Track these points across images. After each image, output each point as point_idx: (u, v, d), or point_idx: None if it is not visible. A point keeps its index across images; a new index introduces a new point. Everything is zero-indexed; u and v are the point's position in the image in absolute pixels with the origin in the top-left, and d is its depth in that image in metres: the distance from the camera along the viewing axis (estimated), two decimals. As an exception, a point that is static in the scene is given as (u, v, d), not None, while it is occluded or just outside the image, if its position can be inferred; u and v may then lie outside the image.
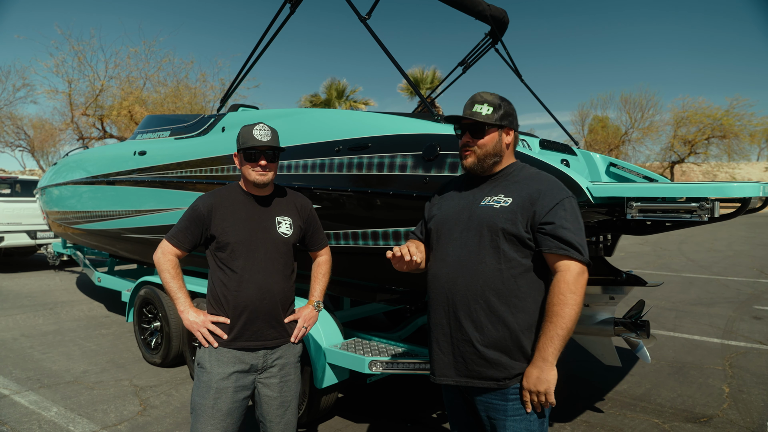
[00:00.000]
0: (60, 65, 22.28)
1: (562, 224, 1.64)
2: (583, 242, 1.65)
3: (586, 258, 1.65)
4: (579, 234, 1.65)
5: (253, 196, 2.20)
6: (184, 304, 2.16)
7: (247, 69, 4.09)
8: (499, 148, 1.82)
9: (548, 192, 1.70)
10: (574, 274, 1.63)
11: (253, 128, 2.12)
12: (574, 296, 1.61)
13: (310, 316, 2.29)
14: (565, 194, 1.71)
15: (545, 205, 1.67)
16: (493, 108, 1.79)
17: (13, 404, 3.69)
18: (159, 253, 2.17)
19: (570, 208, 1.68)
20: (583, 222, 1.70)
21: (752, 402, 3.71)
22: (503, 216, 1.70)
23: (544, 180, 1.77)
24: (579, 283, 1.63)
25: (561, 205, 1.67)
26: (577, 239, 1.64)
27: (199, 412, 2.06)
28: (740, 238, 16.12)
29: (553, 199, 1.68)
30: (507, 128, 1.83)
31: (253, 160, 2.12)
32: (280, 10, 3.74)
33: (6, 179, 10.66)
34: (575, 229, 1.65)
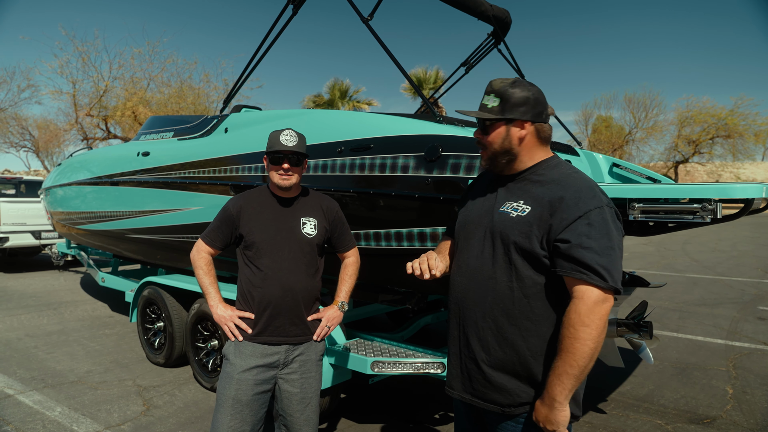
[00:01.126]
0: (64, 66, 22.40)
1: (581, 243, 1.39)
2: (612, 264, 1.38)
3: (612, 283, 1.38)
4: (606, 254, 1.38)
5: (279, 198, 2.29)
6: (215, 299, 2.27)
7: (250, 70, 4.10)
8: (509, 145, 1.57)
9: (572, 201, 1.44)
10: (588, 303, 1.38)
11: (280, 133, 2.22)
12: (586, 330, 1.37)
13: (334, 316, 2.36)
14: (594, 204, 1.43)
15: (565, 218, 1.43)
16: (499, 99, 1.56)
17: (17, 404, 3.71)
18: (194, 251, 2.32)
19: (598, 223, 1.41)
20: (619, 239, 1.44)
21: (756, 403, 3.69)
22: (518, 228, 1.50)
23: (572, 185, 1.48)
24: (595, 313, 1.37)
25: (585, 219, 1.41)
26: (600, 261, 1.37)
27: (221, 402, 2.15)
28: (744, 238, 16.05)
29: (575, 211, 1.42)
30: (518, 121, 1.55)
31: (277, 164, 2.20)
32: (283, 11, 3.75)
33: (11, 180, 10.72)
34: (601, 248, 1.38)
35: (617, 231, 1.43)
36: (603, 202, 1.44)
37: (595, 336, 1.37)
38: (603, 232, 1.40)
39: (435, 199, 2.67)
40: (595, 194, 1.45)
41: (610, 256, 1.39)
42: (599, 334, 1.37)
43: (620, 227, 1.46)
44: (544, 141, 1.60)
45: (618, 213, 1.47)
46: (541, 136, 1.59)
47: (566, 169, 1.56)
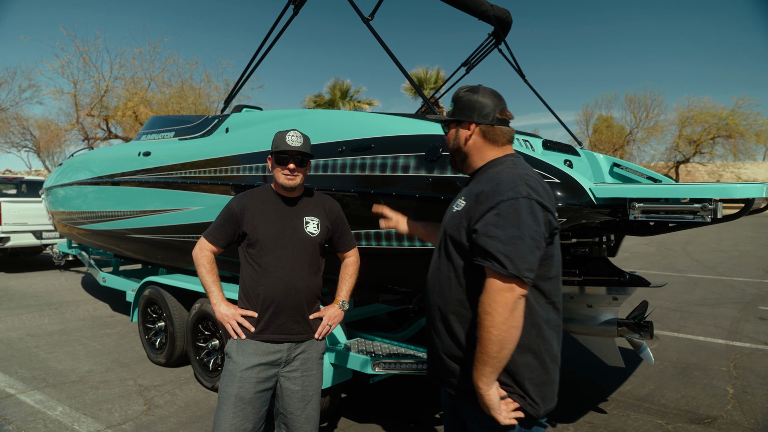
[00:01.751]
0: (65, 66, 22.44)
1: (486, 231, 1.44)
2: (516, 253, 1.39)
3: (512, 271, 1.38)
4: (511, 243, 1.40)
5: (282, 197, 2.31)
6: (217, 297, 2.29)
7: (251, 70, 4.11)
8: (458, 145, 1.71)
9: (488, 194, 1.51)
10: (490, 291, 1.42)
11: (286, 134, 2.24)
12: (488, 317, 1.41)
13: (335, 314, 2.38)
14: (508, 196, 1.45)
15: (479, 209, 1.50)
16: (453, 103, 1.72)
17: (18, 403, 3.72)
18: (197, 249, 2.32)
19: (507, 212, 1.43)
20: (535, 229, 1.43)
21: (756, 403, 3.69)
22: (453, 221, 1.62)
23: (494, 180, 1.55)
24: (497, 301, 1.40)
25: (495, 209, 1.45)
26: (503, 249, 1.40)
27: (223, 400, 2.16)
28: (745, 238, 16.04)
29: (488, 203, 1.48)
30: (466, 122, 1.67)
31: (282, 164, 2.23)
32: (283, 11, 3.76)
33: (12, 180, 10.73)
34: (507, 238, 1.41)
35: (534, 222, 1.43)
36: (520, 194, 1.45)
37: (498, 323, 1.40)
38: (512, 222, 1.42)
39: (435, 199, 2.67)
40: (514, 186, 1.47)
41: (515, 245, 1.40)
42: (503, 322, 1.40)
43: (540, 219, 1.45)
44: (492, 141, 1.67)
45: (545, 206, 1.47)
46: (487, 136, 1.67)
47: (506, 166, 1.60)
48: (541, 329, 1.54)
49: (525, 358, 1.52)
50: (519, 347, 1.49)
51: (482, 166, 1.68)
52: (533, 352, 1.53)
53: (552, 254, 1.54)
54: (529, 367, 1.52)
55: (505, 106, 1.69)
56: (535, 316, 1.53)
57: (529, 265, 1.41)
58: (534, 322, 1.53)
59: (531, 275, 1.41)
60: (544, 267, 1.52)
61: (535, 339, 1.53)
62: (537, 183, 1.52)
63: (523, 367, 1.52)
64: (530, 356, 1.53)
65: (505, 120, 1.68)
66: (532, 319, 1.52)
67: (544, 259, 1.50)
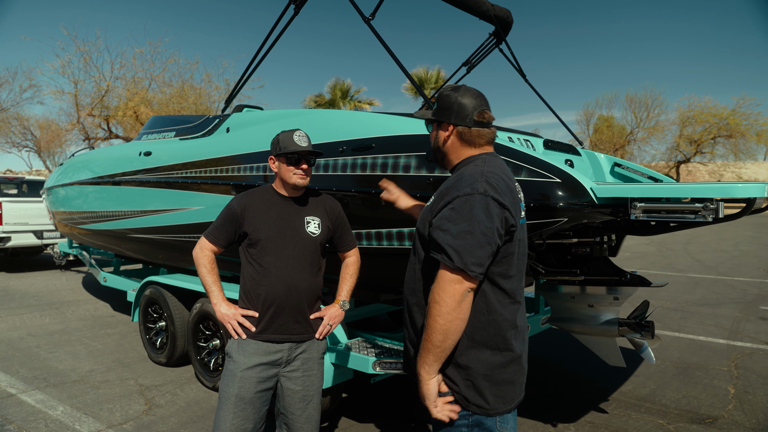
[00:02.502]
0: (66, 66, 22.44)
1: (440, 225, 1.48)
2: (464, 247, 1.42)
3: (458, 264, 1.41)
4: (461, 238, 1.43)
5: (283, 197, 2.32)
6: (218, 297, 2.28)
7: (252, 70, 4.10)
8: (437, 144, 1.75)
9: (448, 190, 1.55)
10: (440, 281, 1.45)
11: (292, 134, 2.25)
12: (435, 306, 1.44)
13: (336, 314, 2.38)
14: (464, 192, 1.48)
15: (437, 206, 1.55)
16: (435, 102, 1.75)
17: (19, 403, 3.72)
18: (197, 248, 2.32)
19: (461, 207, 1.46)
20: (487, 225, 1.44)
21: (758, 403, 3.69)
22: (421, 216, 1.68)
23: (455, 178, 1.60)
24: (445, 291, 1.43)
25: (451, 205, 1.49)
26: (451, 242, 1.43)
27: (223, 400, 2.16)
28: (746, 238, 16.03)
29: (446, 199, 1.52)
30: (444, 123, 1.70)
31: (294, 164, 2.24)
32: (284, 11, 3.76)
33: (13, 180, 10.74)
34: (457, 232, 1.44)
35: (486, 218, 1.43)
36: (476, 190, 1.46)
37: (444, 312, 1.43)
38: (465, 217, 1.44)
39: (436, 199, 2.67)
40: (472, 183, 1.49)
41: (464, 240, 1.42)
42: (448, 312, 1.43)
43: (494, 216, 1.44)
44: (469, 143, 1.68)
45: (501, 203, 1.46)
46: (463, 138, 1.68)
47: (475, 164, 1.62)
48: (500, 327, 1.54)
49: (481, 353, 1.53)
50: (475, 342, 1.52)
51: (457, 164, 1.71)
52: (490, 348, 1.53)
53: (512, 252, 1.54)
54: (484, 364, 1.53)
55: (485, 107, 1.69)
56: (494, 313, 1.53)
57: (477, 260, 1.42)
58: (492, 319, 1.53)
59: (478, 269, 1.42)
60: (503, 264, 1.52)
61: (493, 336, 1.53)
62: (499, 180, 1.52)
63: (477, 363, 1.53)
64: (487, 352, 1.53)
65: (484, 122, 1.68)
66: (490, 316, 1.53)
67: (503, 256, 1.51)
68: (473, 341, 1.53)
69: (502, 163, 1.68)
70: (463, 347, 1.53)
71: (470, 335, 1.53)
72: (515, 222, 1.51)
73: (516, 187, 1.62)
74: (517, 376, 1.59)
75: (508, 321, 1.55)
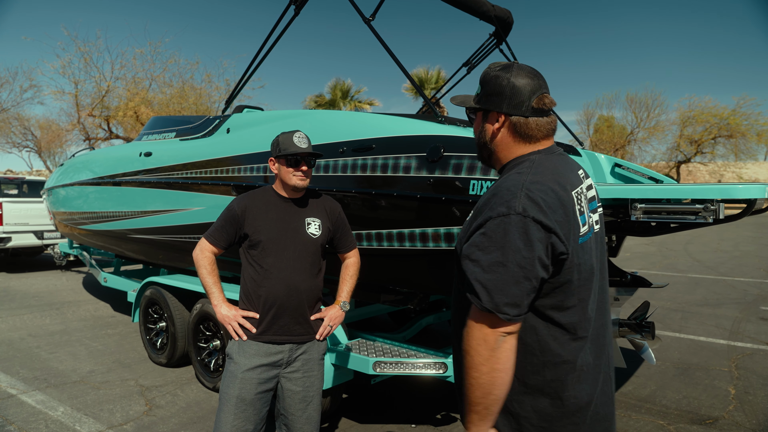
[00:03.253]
0: (66, 66, 22.50)
1: (468, 253, 1.20)
2: (495, 283, 1.14)
3: (486, 304, 1.14)
4: (492, 271, 1.15)
5: (284, 198, 2.32)
6: (218, 298, 2.28)
7: (252, 70, 4.11)
8: (483, 139, 1.38)
9: (484, 206, 1.24)
10: (469, 326, 1.19)
11: (292, 135, 2.25)
12: (468, 357, 1.18)
13: (336, 315, 2.38)
14: (499, 212, 1.17)
15: (472, 225, 1.25)
16: (481, 85, 1.37)
17: (20, 404, 3.72)
18: (197, 250, 2.31)
19: (493, 232, 1.17)
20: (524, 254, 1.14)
21: (758, 404, 3.69)
22: (459, 234, 1.36)
23: (491, 191, 1.27)
24: (473, 338, 1.17)
25: (483, 228, 1.19)
26: (480, 277, 1.16)
27: (224, 401, 2.16)
28: (747, 238, 16.02)
29: (479, 219, 1.22)
30: (493, 112, 1.34)
31: (294, 166, 2.23)
32: (284, 12, 3.76)
33: (13, 180, 10.74)
34: (488, 263, 1.15)
35: (525, 246, 1.14)
36: (514, 210, 1.16)
37: (477, 364, 1.16)
38: (497, 244, 1.15)
39: (437, 200, 2.67)
40: (510, 198, 1.18)
41: (496, 273, 1.14)
42: (482, 363, 1.16)
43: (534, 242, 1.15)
44: (524, 138, 1.34)
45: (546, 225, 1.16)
46: (518, 131, 1.33)
47: (520, 168, 1.30)
48: (557, 370, 1.24)
49: (537, 402, 1.25)
50: (528, 388, 1.26)
51: (505, 165, 1.38)
52: (548, 396, 1.25)
53: (567, 280, 1.22)
54: (541, 414, 1.25)
55: (545, 90, 1.33)
56: (549, 353, 1.24)
57: (511, 299, 1.14)
58: (547, 361, 1.25)
59: (512, 311, 1.14)
60: (557, 296, 1.23)
61: (551, 382, 1.25)
62: (547, 193, 1.19)
63: (531, 412, 1.26)
64: (544, 401, 1.25)
65: (544, 109, 1.32)
66: (544, 357, 1.25)
67: (555, 287, 1.22)
68: (526, 386, 1.26)
69: (558, 163, 1.32)
70: (515, 392, 1.26)
71: (522, 379, 1.26)
72: (566, 248, 1.19)
73: (574, 197, 1.26)
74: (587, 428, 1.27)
75: (569, 363, 1.25)
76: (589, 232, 1.29)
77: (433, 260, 2.87)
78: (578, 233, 1.23)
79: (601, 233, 1.39)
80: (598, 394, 1.29)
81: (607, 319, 1.38)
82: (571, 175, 1.32)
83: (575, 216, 1.23)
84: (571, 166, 1.36)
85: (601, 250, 1.36)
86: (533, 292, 1.17)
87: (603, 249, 1.38)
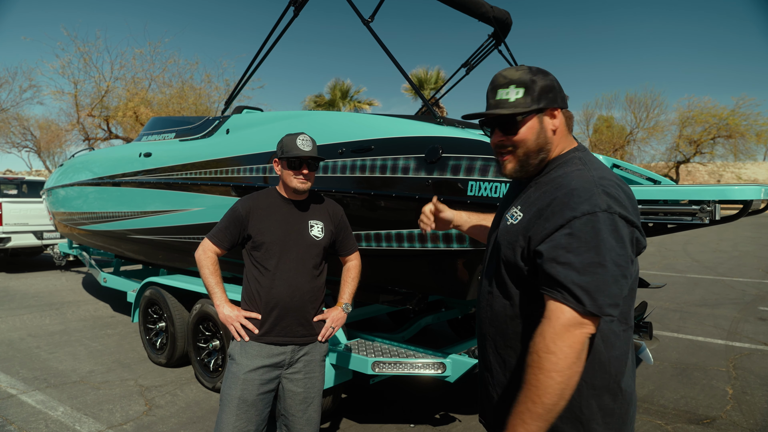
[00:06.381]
0: (66, 66, 22.47)
1: (556, 256, 1.15)
2: (596, 285, 1.11)
3: (590, 308, 1.11)
4: (589, 272, 1.12)
5: (288, 200, 2.33)
6: (221, 298, 2.28)
7: (251, 72, 4.12)
8: (544, 140, 1.32)
9: (557, 207, 1.19)
10: (557, 326, 1.13)
11: (296, 138, 2.25)
12: (551, 358, 1.11)
13: (338, 317, 2.39)
14: (584, 210, 1.15)
15: (546, 226, 1.20)
16: (524, 88, 1.30)
17: (20, 404, 3.73)
18: (200, 250, 2.32)
19: (584, 232, 1.13)
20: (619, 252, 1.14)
21: (756, 404, 3.70)
22: (508, 237, 1.31)
23: (565, 185, 1.22)
24: (564, 339, 1.12)
25: (567, 227, 1.15)
26: (578, 279, 1.12)
27: (226, 402, 2.17)
28: (746, 238, 16.04)
29: (557, 220, 1.18)
30: (550, 109, 1.32)
31: (296, 168, 2.23)
32: (284, 13, 3.77)
33: (13, 180, 10.74)
34: (582, 264, 1.12)
35: (617, 243, 1.13)
36: (599, 207, 1.14)
37: (563, 367, 1.11)
38: (590, 244, 1.13)
39: (435, 201, 2.68)
40: (590, 196, 1.16)
41: (595, 275, 1.12)
42: (568, 366, 1.11)
43: (625, 239, 1.15)
44: (570, 130, 1.38)
45: (630, 220, 1.17)
46: (569, 124, 1.37)
47: (573, 165, 1.28)
48: (619, 363, 1.25)
49: (602, 400, 1.23)
50: (596, 389, 1.22)
51: (545, 166, 1.35)
52: (611, 391, 1.24)
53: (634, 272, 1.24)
54: (605, 411, 1.23)
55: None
56: (612, 348, 1.23)
57: (613, 300, 1.13)
58: (612, 356, 1.24)
59: (615, 311, 1.13)
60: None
61: (614, 376, 1.24)
62: (618, 189, 1.19)
63: (597, 413, 1.23)
64: (608, 397, 1.23)
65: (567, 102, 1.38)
66: (609, 353, 1.23)
67: None
68: (594, 388, 1.22)
69: (598, 159, 1.34)
70: (584, 397, 1.22)
71: (590, 382, 1.22)
72: (645, 242, 1.22)
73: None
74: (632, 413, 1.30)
75: (626, 353, 1.26)
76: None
77: (432, 261, 2.89)
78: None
79: None
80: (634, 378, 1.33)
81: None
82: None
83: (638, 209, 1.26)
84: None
85: None
86: (627, 288, 1.18)
87: None
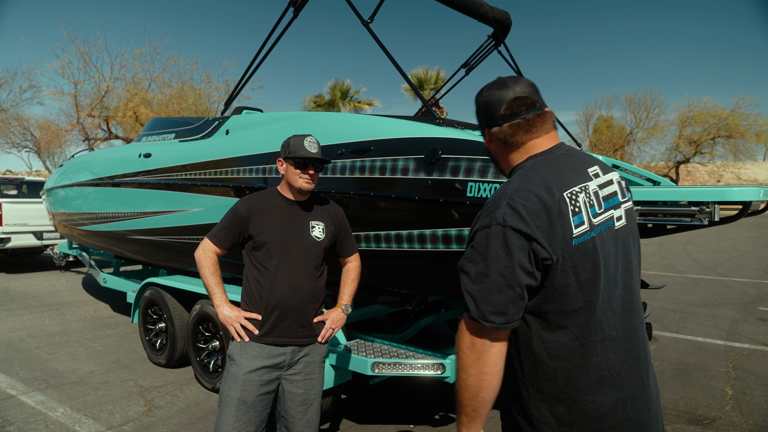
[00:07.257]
0: (66, 67, 22.45)
1: (462, 266, 1.26)
2: (480, 293, 1.20)
3: (473, 314, 1.20)
4: (477, 281, 1.20)
5: (289, 201, 2.33)
6: (221, 299, 2.28)
7: (251, 72, 4.12)
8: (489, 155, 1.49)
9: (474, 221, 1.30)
10: (461, 328, 1.25)
11: (303, 139, 2.27)
12: (459, 360, 1.25)
13: (338, 318, 2.38)
14: (483, 223, 1.23)
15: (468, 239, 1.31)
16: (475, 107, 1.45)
17: (20, 404, 3.73)
18: (200, 250, 2.31)
19: (479, 243, 1.22)
20: (504, 263, 1.18)
21: (755, 404, 3.70)
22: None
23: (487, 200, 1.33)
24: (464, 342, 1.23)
25: (472, 240, 1.26)
26: (469, 287, 1.22)
27: (225, 403, 2.16)
28: (746, 238, 16.05)
29: (471, 233, 1.29)
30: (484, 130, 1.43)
31: (302, 168, 2.25)
32: (284, 14, 3.77)
33: (13, 180, 10.74)
34: (475, 274, 1.21)
35: (505, 255, 1.18)
36: (495, 220, 1.20)
37: (465, 366, 1.22)
38: (482, 255, 1.21)
39: (435, 202, 2.68)
40: (493, 210, 1.23)
41: (481, 284, 1.20)
42: (470, 366, 1.22)
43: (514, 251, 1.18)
44: (510, 145, 1.37)
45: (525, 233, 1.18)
46: (501, 140, 1.38)
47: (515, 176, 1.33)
48: (569, 375, 1.25)
49: (555, 408, 1.26)
50: (544, 395, 1.27)
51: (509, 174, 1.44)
52: (564, 402, 1.25)
53: (565, 284, 1.22)
54: (560, 420, 1.26)
55: (510, 96, 1.34)
56: (557, 359, 1.26)
57: (496, 308, 1.19)
58: (557, 367, 1.26)
59: (498, 320, 1.19)
60: (556, 301, 1.23)
61: (564, 388, 1.25)
62: (527, 201, 1.21)
63: (552, 419, 1.27)
64: (561, 407, 1.26)
65: (515, 113, 1.34)
66: (553, 364, 1.26)
67: (552, 292, 1.23)
68: (542, 394, 1.27)
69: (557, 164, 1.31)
70: (533, 399, 1.29)
71: (536, 387, 1.28)
72: (549, 253, 1.19)
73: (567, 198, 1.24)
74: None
75: (580, 368, 1.25)
76: (593, 230, 1.25)
77: (432, 261, 2.89)
78: (571, 235, 1.21)
79: (625, 229, 1.35)
80: (629, 400, 1.27)
81: (636, 322, 1.33)
82: (572, 174, 1.29)
83: (566, 218, 1.22)
84: (574, 164, 1.33)
85: (623, 247, 1.32)
86: (519, 299, 1.20)
87: (628, 245, 1.34)
